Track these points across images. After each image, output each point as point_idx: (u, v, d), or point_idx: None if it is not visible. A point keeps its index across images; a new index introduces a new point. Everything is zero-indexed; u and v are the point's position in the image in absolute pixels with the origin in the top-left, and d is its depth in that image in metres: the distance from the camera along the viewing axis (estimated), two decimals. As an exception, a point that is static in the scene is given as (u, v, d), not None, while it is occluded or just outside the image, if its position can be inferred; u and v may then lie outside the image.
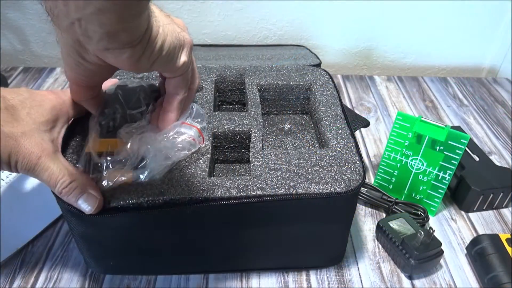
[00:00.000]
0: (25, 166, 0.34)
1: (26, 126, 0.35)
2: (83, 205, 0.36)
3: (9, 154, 0.33)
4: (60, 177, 0.35)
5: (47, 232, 0.52)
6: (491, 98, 0.84)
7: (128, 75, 0.54)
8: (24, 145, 0.34)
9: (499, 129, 0.75)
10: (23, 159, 0.34)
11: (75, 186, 0.36)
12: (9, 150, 0.33)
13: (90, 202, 0.36)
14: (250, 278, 0.48)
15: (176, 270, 0.48)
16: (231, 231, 0.43)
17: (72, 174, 0.36)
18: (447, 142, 0.50)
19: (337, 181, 0.40)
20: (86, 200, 0.36)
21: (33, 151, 0.34)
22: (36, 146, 0.34)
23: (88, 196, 0.36)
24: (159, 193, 0.38)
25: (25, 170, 0.34)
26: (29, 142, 0.34)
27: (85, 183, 0.37)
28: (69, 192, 0.36)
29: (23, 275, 0.47)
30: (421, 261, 0.46)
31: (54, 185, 0.36)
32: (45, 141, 0.36)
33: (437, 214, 0.57)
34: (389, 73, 0.97)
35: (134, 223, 0.40)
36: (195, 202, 0.38)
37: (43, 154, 0.35)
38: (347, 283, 0.48)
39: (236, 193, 0.39)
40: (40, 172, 0.35)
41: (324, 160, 0.42)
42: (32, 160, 0.34)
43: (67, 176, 0.36)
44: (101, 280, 0.47)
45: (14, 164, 0.34)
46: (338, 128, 0.47)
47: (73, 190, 0.36)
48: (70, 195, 0.36)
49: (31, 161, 0.34)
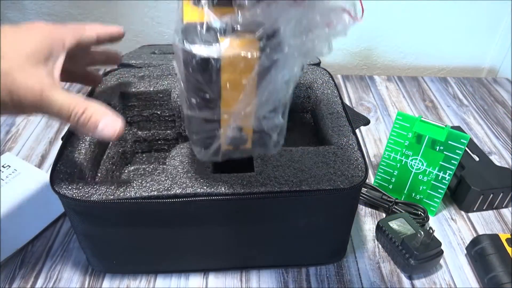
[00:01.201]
0: (30, 103, 0.31)
1: (13, 60, 0.31)
2: (105, 130, 0.33)
3: (9, 92, 0.30)
4: (72, 107, 0.32)
5: (47, 232, 0.52)
6: (491, 98, 0.84)
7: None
8: (20, 81, 0.30)
9: (499, 129, 0.75)
10: (25, 96, 0.31)
11: (91, 113, 0.32)
12: (8, 88, 0.30)
13: (111, 125, 0.33)
14: (250, 277, 0.48)
15: (177, 268, 0.48)
16: (233, 228, 0.43)
17: (84, 102, 0.32)
18: (447, 142, 0.50)
19: (340, 178, 0.40)
20: (106, 125, 0.33)
21: (33, 86, 0.31)
22: (34, 80, 0.31)
23: (107, 119, 0.33)
24: (163, 188, 0.39)
25: (33, 108, 0.31)
26: (25, 77, 0.31)
27: (99, 107, 0.33)
28: (86, 121, 0.32)
29: (23, 275, 0.47)
30: (421, 261, 0.46)
31: (68, 117, 0.32)
32: (42, 74, 0.32)
33: (437, 214, 0.57)
34: (389, 73, 0.97)
35: (137, 220, 0.41)
36: (199, 197, 0.39)
37: (45, 87, 0.31)
38: (347, 283, 0.48)
39: (240, 189, 0.39)
40: (49, 107, 0.31)
41: (327, 157, 0.43)
42: (36, 96, 0.31)
43: (79, 104, 0.32)
44: (101, 279, 0.47)
45: (18, 102, 0.31)
46: (340, 125, 0.47)
47: (89, 117, 0.32)
48: (88, 124, 0.32)
49: (35, 97, 0.31)
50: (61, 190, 0.38)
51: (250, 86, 0.30)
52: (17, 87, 0.30)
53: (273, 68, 0.29)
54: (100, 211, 0.39)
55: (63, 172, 0.40)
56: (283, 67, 0.30)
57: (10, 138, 0.69)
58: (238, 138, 0.35)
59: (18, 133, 0.70)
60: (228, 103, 0.31)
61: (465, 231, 0.55)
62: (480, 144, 0.71)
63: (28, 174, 0.61)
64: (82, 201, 0.38)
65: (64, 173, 0.40)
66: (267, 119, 0.33)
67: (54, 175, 0.40)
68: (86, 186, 0.39)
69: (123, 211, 0.39)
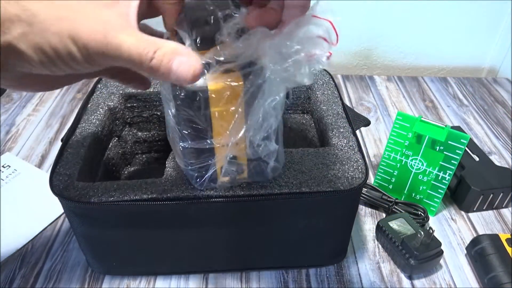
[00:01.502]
0: (96, 47, 0.27)
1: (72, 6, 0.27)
2: (180, 70, 0.28)
3: (72, 39, 0.26)
4: (142, 49, 0.27)
5: (47, 232, 0.52)
6: (491, 98, 0.84)
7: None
8: (81, 24, 0.27)
9: (499, 129, 0.75)
10: (88, 40, 0.27)
11: (163, 53, 0.28)
12: (69, 34, 0.26)
13: (186, 63, 0.28)
14: (250, 278, 0.48)
15: (177, 270, 0.48)
16: (233, 230, 0.43)
17: (155, 43, 0.28)
18: (447, 142, 0.50)
19: (340, 179, 0.40)
20: (181, 63, 0.28)
21: (95, 28, 0.27)
22: (96, 22, 0.27)
23: (181, 58, 0.28)
24: (162, 190, 0.39)
25: (100, 54, 0.27)
26: (86, 20, 0.27)
27: (171, 45, 0.28)
28: (159, 63, 0.28)
29: (23, 275, 0.47)
30: (421, 261, 0.46)
31: (139, 60, 0.28)
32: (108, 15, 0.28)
33: (437, 214, 0.57)
34: (389, 73, 0.97)
35: (137, 221, 0.41)
36: (199, 199, 0.38)
37: (110, 29, 0.27)
38: (347, 283, 0.48)
39: (240, 191, 0.39)
40: (116, 52, 0.27)
41: (327, 159, 0.43)
42: (100, 39, 0.27)
43: (150, 46, 0.28)
44: (101, 280, 0.47)
45: (83, 48, 0.27)
46: (340, 126, 0.47)
47: (161, 59, 0.28)
48: (161, 66, 0.28)
49: (99, 40, 0.27)
50: (60, 192, 0.38)
51: (239, 114, 0.32)
52: (79, 32, 0.26)
53: (259, 95, 0.31)
54: (99, 213, 0.39)
55: (63, 174, 0.40)
56: (268, 94, 0.31)
57: (10, 138, 0.69)
58: (234, 169, 0.36)
59: (18, 133, 0.70)
60: (219, 132, 0.33)
61: (465, 231, 0.55)
62: (480, 144, 0.71)
63: (28, 174, 0.61)
64: (82, 203, 0.38)
65: (64, 175, 0.40)
66: (261, 146, 0.34)
67: (54, 177, 0.40)
68: (85, 187, 0.39)
69: (122, 213, 0.39)
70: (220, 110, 0.32)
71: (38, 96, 0.80)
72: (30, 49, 0.27)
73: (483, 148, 0.69)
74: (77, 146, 0.43)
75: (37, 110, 0.76)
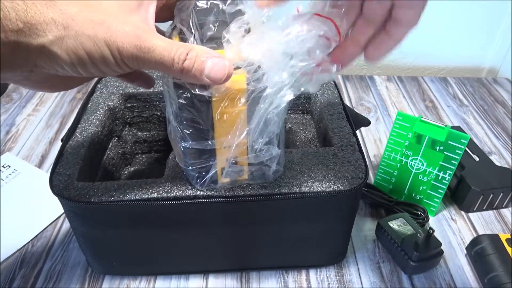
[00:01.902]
0: (129, 51, 0.28)
1: (106, 10, 0.28)
2: (214, 71, 0.29)
3: (106, 43, 0.27)
4: (175, 51, 0.28)
5: (47, 232, 0.52)
6: (491, 98, 0.84)
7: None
8: (116, 29, 0.27)
9: (499, 129, 0.75)
10: (122, 44, 0.27)
11: (195, 54, 0.29)
12: (103, 38, 0.27)
13: (220, 64, 0.29)
14: (250, 278, 0.48)
15: (177, 270, 0.48)
16: (233, 230, 0.43)
17: (185, 44, 0.29)
18: (447, 142, 0.50)
19: (340, 180, 0.40)
20: (215, 64, 0.29)
21: (130, 31, 0.28)
22: (130, 27, 0.28)
23: (214, 59, 0.29)
24: (163, 190, 0.39)
25: (133, 58, 0.28)
26: (120, 24, 0.28)
27: (202, 48, 0.29)
28: (192, 64, 0.29)
29: (23, 275, 0.47)
30: (421, 261, 0.46)
31: (171, 61, 0.28)
32: (136, 20, 0.29)
33: (437, 214, 0.57)
34: (389, 73, 0.97)
35: (137, 222, 0.41)
36: (199, 199, 0.38)
37: (142, 33, 0.28)
38: (347, 283, 0.48)
39: (240, 191, 0.39)
40: (149, 53, 0.28)
41: (327, 159, 0.43)
42: (134, 42, 0.28)
43: (182, 47, 0.29)
44: (101, 279, 0.47)
45: (117, 52, 0.28)
46: (340, 126, 0.47)
47: (194, 60, 0.29)
48: (194, 67, 0.29)
49: (132, 43, 0.28)
50: (60, 192, 0.38)
51: (241, 117, 0.32)
52: (113, 36, 0.27)
53: (261, 99, 0.31)
54: (99, 213, 0.39)
55: (63, 174, 0.40)
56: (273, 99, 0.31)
57: (10, 138, 0.69)
58: (235, 171, 0.37)
59: (18, 133, 0.70)
60: (221, 133, 0.33)
61: (465, 231, 0.55)
62: (480, 144, 0.71)
63: (28, 174, 0.61)
64: (82, 203, 0.38)
65: (64, 175, 0.40)
66: (263, 151, 0.34)
67: (54, 177, 0.40)
68: (85, 187, 0.39)
69: (122, 213, 0.39)
70: (222, 112, 0.32)
71: (38, 96, 0.80)
72: (64, 52, 0.27)
73: (483, 148, 0.69)
74: (77, 146, 0.43)
75: (37, 110, 0.76)
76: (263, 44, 0.30)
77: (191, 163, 0.36)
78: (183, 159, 0.37)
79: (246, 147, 0.34)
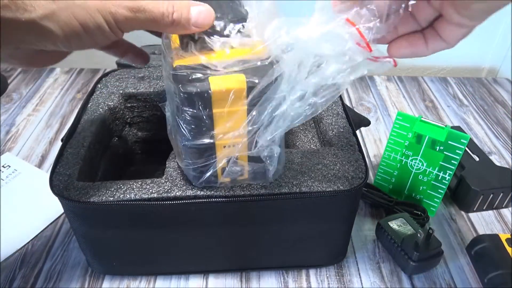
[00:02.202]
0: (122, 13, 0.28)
1: None
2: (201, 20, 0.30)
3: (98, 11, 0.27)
4: (161, 6, 0.29)
5: (47, 232, 0.52)
6: (491, 98, 0.84)
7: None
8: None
9: (499, 129, 0.75)
10: (115, 8, 0.28)
11: (180, 6, 0.30)
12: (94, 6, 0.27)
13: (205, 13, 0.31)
14: (250, 278, 0.48)
15: (177, 270, 0.48)
16: (233, 230, 0.43)
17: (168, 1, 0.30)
18: (447, 142, 0.50)
19: (340, 179, 0.40)
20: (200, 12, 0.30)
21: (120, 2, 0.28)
22: None
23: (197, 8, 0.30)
24: (163, 190, 0.39)
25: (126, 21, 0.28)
26: None
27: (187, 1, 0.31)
28: (180, 15, 0.30)
29: (23, 275, 0.47)
30: (421, 261, 0.46)
31: (161, 16, 0.29)
32: None
33: (437, 214, 0.57)
34: (389, 73, 0.97)
35: (137, 222, 0.41)
36: (199, 199, 0.38)
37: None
38: (347, 283, 0.48)
39: (240, 191, 0.39)
40: (140, 12, 0.28)
41: (327, 159, 0.43)
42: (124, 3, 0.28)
43: (168, 2, 0.30)
44: (101, 279, 0.47)
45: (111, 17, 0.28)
46: (340, 126, 0.47)
47: (181, 11, 0.30)
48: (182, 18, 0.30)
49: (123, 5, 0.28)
50: (60, 192, 0.38)
51: (241, 116, 0.33)
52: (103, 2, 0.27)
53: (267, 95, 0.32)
54: (99, 213, 0.39)
55: (63, 174, 0.40)
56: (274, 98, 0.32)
57: (10, 138, 0.69)
58: (234, 171, 0.37)
59: (18, 133, 0.70)
60: (221, 132, 0.34)
61: (465, 231, 0.55)
62: (480, 144, 0.71)
63: (28, 174, 0.61)
64: (82, 203, 0.38)
65: (64, 175, 0.40)
66: (265, 149, 0.34)
67: (54, 177, 0.40)
68: (85, 187, 0.39)
69: (123, 213, 0.39)
70: (222, 111, 0.32)
71: (38, 96, 0.80)
72: (57, 26, 0.26)
73: (483, 148, 0.69)
74: (77, 146, 0.43)
75: (37, 110, 0.76)
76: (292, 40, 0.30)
77: (191, 162, 0.36)
78: (183, 158, 0.37)
79: (246, 146, 0.35)
